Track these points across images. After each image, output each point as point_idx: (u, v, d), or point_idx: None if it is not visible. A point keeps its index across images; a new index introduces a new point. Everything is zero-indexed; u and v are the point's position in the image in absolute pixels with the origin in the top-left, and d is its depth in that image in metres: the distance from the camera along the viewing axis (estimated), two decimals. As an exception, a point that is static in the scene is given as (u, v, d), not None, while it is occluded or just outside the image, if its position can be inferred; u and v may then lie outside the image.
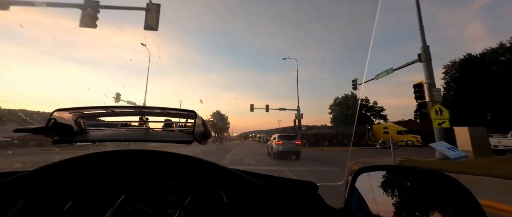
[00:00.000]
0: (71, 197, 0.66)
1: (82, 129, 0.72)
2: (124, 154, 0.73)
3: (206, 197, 0.70)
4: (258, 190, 0.68)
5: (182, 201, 0.67)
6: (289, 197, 0.69)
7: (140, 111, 0.70)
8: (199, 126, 0.67)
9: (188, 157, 0.72)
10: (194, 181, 0.73)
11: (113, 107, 0.69)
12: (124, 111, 0.73)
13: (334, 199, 0.72)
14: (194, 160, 0.72)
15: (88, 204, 0.65)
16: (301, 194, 0.70)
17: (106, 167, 0.74)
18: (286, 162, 9.30)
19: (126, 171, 0.75)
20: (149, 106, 0.69)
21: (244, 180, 0.69)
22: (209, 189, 0.72)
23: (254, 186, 0.68)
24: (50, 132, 0.63)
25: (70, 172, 0.69)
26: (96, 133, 0.74)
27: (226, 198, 0.69)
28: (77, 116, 0.70)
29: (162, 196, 0.69)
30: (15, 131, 0.65)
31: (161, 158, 0.75)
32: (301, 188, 0.72)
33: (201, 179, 0.74)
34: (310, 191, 0.71)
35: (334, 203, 0.69)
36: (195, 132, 0.65)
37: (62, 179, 0.68)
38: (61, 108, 0.67)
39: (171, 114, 0.73)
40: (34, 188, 0.63)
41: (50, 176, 0.66)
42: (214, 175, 0.74)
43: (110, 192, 0.69)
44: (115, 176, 0.74)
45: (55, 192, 0.66)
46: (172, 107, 0.69)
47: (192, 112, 0.67)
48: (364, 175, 0.68)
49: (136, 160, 0.75)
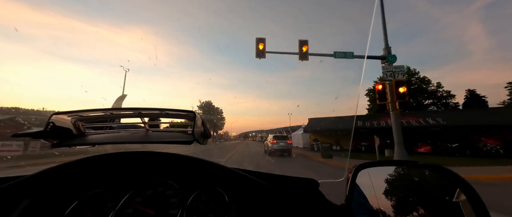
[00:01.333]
0: (73, 200, 0.66)
1: (81, 132, 0.72)
2: (124, 156, 0.73)
3: (207, 197, 0.70)
4: (260, 189, 0.68)
5: (183, 202, 0.67)
6: (290, 195, 0.69)
7: (139, 112, 0.70)
8: (198, 126, 0.67)
9: (189, 158, 0.72)
10: (195, 182, 0.73)
11: (111, 109, 0.69)
12: (123, 113, 0.73)
13: (335, 196, 0.73)
14: (195, 161, 0.72)
15: (90, 206, 0.65)
16: (302, 191, 0.71)
17: (107, 170, 0.74)
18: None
19: (127, 173, 0.75)
20: (148, 108, 0.69)
21: (245, 179, 0.69)
22: (211, 189, 0.72)
23: (256, 185, 0.68)
24: (49, 136, 0.62)
25: (71, 175, 0.69)
26: (95, 136, 0.74)
27: (227, 198, 0.69)
28: (75, 119, 0.70)
29: (164, 197, 0.69)
30: (14, 136, 0.64)
31: (161, 159, 0.74)
32: (303, 185, 0.72)
33: (202, 179, 0.74)
34: (311, 188, 0.71)
35: (335, 199, 0.69)
36: (194, 133, 0.64)
37: (64, 182, 0.68)
38: (59, 112, 0.67)
39: (170, 115, 0.73)
40: (36, 191, 0.63)
41: (52, 179, 0.66)
42: (215, 175, 0.74)
43: (111, 194, 0.69)
44: (116, 178, 0.74)
45: (57, 195, 0.66)
46: (171, 108, 0.68)
47: (192, 113, 0.67)
48: (364, 171, 0.68)
49: (137, 162, 0.75)
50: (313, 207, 0.67)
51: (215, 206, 0.67)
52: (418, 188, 0.72)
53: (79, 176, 0.70)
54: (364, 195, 0.64)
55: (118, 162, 0.74)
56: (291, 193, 0.70)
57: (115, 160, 0.73)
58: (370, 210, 0.62)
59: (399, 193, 0.67)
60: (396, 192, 0.68)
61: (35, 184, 0.64)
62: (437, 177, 0.67)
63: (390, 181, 0.70)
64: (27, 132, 0.64)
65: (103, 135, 0.75)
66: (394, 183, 0.71)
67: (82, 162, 0.69)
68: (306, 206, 0.68)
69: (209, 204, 0.68)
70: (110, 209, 0.64)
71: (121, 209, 0.65)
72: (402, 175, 0.74)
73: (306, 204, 0.68)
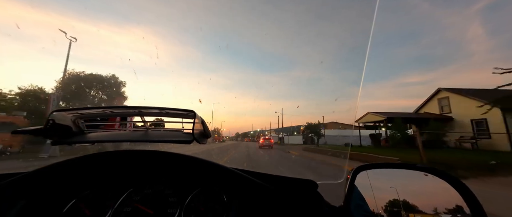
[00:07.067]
0: (71, 198, 0.66)
1: (80, 130, 0.72)
2: (123, 154, 0.73)
3: (206, 197, 0.70)
4: (258, 189, 0.68)
5: (182, 201, 0.68)
6: (289, 196, 0.69)
7: (139, 111, 0.70)
8: (198, 126, 0.67)
9: (188, 157, 0.72)
10: (194, 181, 0.74)
11: (111, 107, 0.69)
12: (122, 111, 0.73)
13: (333, 197, 0.73)
14: (194, 160, 0.72)
15: (88, 204, 0.65)
16: (301, 193, 0.71)
17: (106, 168, 0.74)
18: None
19: (126, 171, 0.75)
20: (148, 106, 0.69)
21: (244, 179, 0.69)
22: (210, 188, 0.72)
23: (254, 185, 0.68)
24: (48, 133, 0.62)
25: (70, 173, 0.69)
26: (95, 134, 0.74)
27: (226, 198, 0.69)
28: (75, 117, 0.70)
29: (163, 196, 0.69)
30: (13, 133, 0.64)
31: (161, 158, 0.74)
32: (301, 187, 0.72)
33: (201, 179, 0.74)
34: (310, 189, 0.71)
35: (334, 201, 0.69)
36: (194, 132, 0.65)
37: (62, 180, 0.68)
38: (59, 109, 0.67)
39: (170, 114, 0.73)
40: (34, 189, 0.63)
41: (50, 177, 0.66)
42: (214, 175, 0.74)
43: (110, 192, 0.69)
44: (115, 176, 0.74)
45: (55, 193, 0.66)
46: (171, 107, 0.69)
47: (191, 112, 0.67)
48: (363, 173, 0.68)
49: (136, 161, 0.75)
50: (311, 208, 0.68)
51: (213, 206, 0.67)
52: (416, 190, 0.72)
53: (77, 174, 0.70)
54: (363, 197, 0.65)
55: (117, 161, 0.74)
56: (290, 194, 0.70)
57: (114, 159, 0.73)
58: (369, 212, 0.62)
59: (397, 196, 0.67)
60: (394, 195, 0.68)
61: (33, 182, 0.64)
62: (435, 179, 0.67)
63: (389, 183, 0.70)
64: (27, 129, 0.64)
65: (102, 133, 0.75)
66: (393, 185, 0.71)
67: (81, 160, 0.69)
68: (305, 207, 0.68)
69: (207, 203, 0.68)
70: (109, 207, 0.64)
71: (120, 208, 0.65)
72: (401, 177, 0.74)
73: (304, 205, 0.68)
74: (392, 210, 0.61)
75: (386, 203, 0.63)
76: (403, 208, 0.65)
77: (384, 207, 0.62)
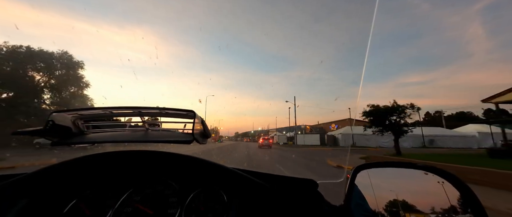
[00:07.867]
0: (72, 198, 0.66)
1: (80, 131, 0.72)
2: (124, 154, 0.73)
3: (206, 197, 0.70)
4: (259, 189, 0.68)
5: (182, 201, 0.68)
6: (289, 195, 0.69)
7: (138, 111, 0.70)
8: (198, 126, 0.67)
9: (188, 157, 0.72)
10: (194, 181, 0.74)
11: (111, 108, 0.69)
12: (122, 112, 0.73)
13: (334, 196, 0.73)
14: (194, 160, 0.72)
15: (88, 204, 0.65)
16: (301, 192, 0.71)
17: (106, 168, 0.74)
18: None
19: (126, 172, 0.75)
20: (148, 107, 0.69)
21: (244, 179, 0.69)
22: (210, 188, 0.72)
23: (255, 185, 0.68)
24: (48, 134, 0.62)
25: (70, 173, 0.69)
26: (95, 135, 0.74)
27: (226, 198, 0.69)
28: (75, 117, 0.70)
29: (163, 197, 0.69)
30: (13, 134, 0.64)
31: (161, 158, 0.74)
32: (302, 186, 0.72)
33: (201, 179, 0.74)
34: (310, 188, 0.71)
35: (334, 200, 0.70)
36: (194, 132, 0.65)
37: (62, 181, 0.68)
38: (59, 110, 0.67)
39: (170, 114, 0.73)
40: (34, 190, 0.63)
41: (50, 177, 0.66)
42: (214, 175, 0.74)
43: (110, 192, 0.69)
44: (115, 176, 0.74)
45: (55, 193, 0.66)
46: (171, 107, 0.69)
47: (191, 112, 0.67)
48: (363, 172, 0.68)
49: (136, 161, 0.75)
50: (312, 207, 0.68)
51: (214, 206, 0.67)
52: (416, 189, 0.72)
53: (78, 175, 0.70)
54: (363, 196, 0.65)
55: (117, 161, 0.74)
56: (290, 193, 0.70)
57: (114, 159, 0.73)
58: (369, 211, 0.62)
59: (397, 194, 0.67)
60: (395, 193, 0.68)
61: (34, 182, 0.64)
62: (435, 178, 0.67)
63: (389, 182, 0.70)
64: (26, 130, 0.64)
65: (102, 134, 0.75)
66: (393, 184, 0.71)
67: (81, 161, 0.69)
68: (305, 207, 0.68)
69: (208, 203, 0.68)
70: (109, 207, 0.64)
71: (120, 208, 0.65)
72: (401, 176, 0.74)
73: (305, 204, 0.68)
74: (392, 209, 0.61)
75: (386, 202, 0.63)
76: (404, 207, 0.65)
77: (385, 206, 0.62)
